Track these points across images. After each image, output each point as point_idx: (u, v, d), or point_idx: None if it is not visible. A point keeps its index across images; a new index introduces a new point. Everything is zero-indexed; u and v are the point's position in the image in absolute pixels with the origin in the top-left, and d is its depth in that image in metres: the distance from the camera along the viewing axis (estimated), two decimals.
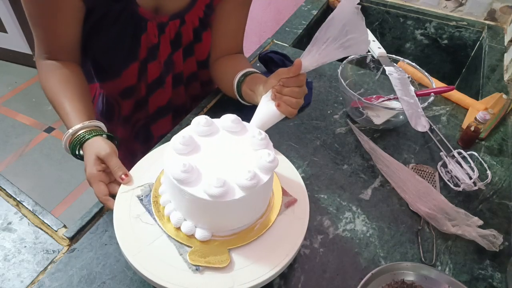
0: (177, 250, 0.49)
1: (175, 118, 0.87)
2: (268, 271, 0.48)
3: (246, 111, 0.84)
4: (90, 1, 0.60)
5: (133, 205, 0.53)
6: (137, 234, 0.50)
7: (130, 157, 0.90)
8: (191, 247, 0.49)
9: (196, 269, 0.48)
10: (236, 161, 0.51)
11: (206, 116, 0.54)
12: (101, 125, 0.63)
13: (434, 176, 0.72)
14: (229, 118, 0.55)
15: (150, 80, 0.76)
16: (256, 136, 0.52)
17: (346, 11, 0.54)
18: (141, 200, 0.54)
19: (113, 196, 0.56)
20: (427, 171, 0.73)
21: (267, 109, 0.62)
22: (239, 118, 0.55)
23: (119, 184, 0.57)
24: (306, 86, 0.89)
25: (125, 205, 0.53)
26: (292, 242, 0.52)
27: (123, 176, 0.56)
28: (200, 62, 0.82)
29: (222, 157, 0.51)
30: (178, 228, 0.51)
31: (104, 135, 0.61)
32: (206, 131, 0.53)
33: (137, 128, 0.87)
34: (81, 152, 0.60)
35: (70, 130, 0.59)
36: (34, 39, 0.64)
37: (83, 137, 0.59)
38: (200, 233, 0.50)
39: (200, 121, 0.53)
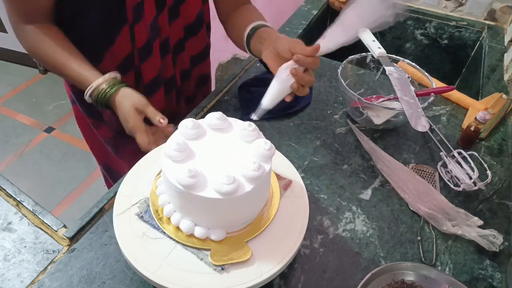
0: (195, 256, 0.50)
1: (166, 93, 0.86)
2: (288, 252, 0.50)
3: (246, 111, 0.84)
4: None
5: (135, 224, 0.53)
6: (149, 251, 0.50)
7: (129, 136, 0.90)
8: (209, 249, 0.50)
9: (222, 269, 0.48)
10: (235, 156, 0.51)
11: (193, 119, 0.53)
12: (117, 75, 0.66)
13: (434, 176, 0.72)
14: (215, 116, 0.55)
15: (139, 45, 0.74)
16: (247, 128, 0.53)
17: None
18: (141, 217, 0.53)
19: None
20: (427, 171, 0.73)
21: (281, 83, 0.62)
22: (224, 114, 0.55)
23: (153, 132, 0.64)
24: None
25: (126, 225, 0.52)
26: (300, 222, 0.54)
27: (161, 120, 0.62)
28: (187, 27, 0.81)
29: (219, 155, 0.51)
30: (191, 235, 0.51)
31: (126, 86, 0.64)
32: (195, 134, 0.53)
33: None
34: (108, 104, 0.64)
35: (94, 85, 0.63)
36: (6, 6, 0.64)
37: (108, 91, 0.64)
38: (215, 234, 0.50)
39: (187, 125, 0.53)
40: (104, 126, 0.87)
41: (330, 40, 0.58)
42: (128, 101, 0.63)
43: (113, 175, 1.03)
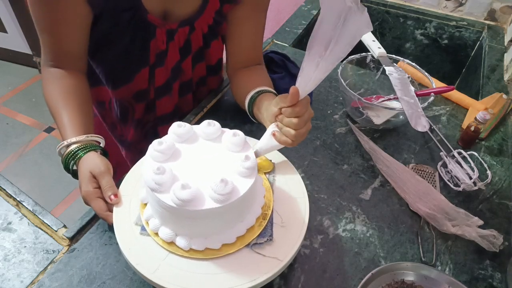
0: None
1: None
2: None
3: (246, 114, 0.84)
4: (97, 8, 0.60)
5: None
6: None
7: (140, 157, 0.91)
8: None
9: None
10: (214, 167, 0.51)
11: (179, 122, 0.53)
12: (99, 139, 0.62)
13: (434, 176, 0.72)
14: (205, 124, 0.54)
15: (157, 85, 0.76)
16: (232, 138, 0.52)
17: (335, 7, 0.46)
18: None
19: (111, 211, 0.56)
20: (427, 171, 0.73)
21: (268, 137, 0.59)
22: (214, 121, 0.55)
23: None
24: None
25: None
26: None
27: (112, 196, 0.55)
28: (209, 66, 0.82)
29: (200, 164, 0.51)
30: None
31: (99, 150, 0.60)
32: (183, 137, 0.53)
33: (146, 129, 0.87)
34: (74, 167, 0.59)
35: (65, 142, 0.59)
36: (40, 46, 0.64)
37: (76, 153, 0.58)
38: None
39: (173, 128, 0.53)
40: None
41: (306, 79, 0.52)
42: (86, 165, 0.57)
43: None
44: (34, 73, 2.50)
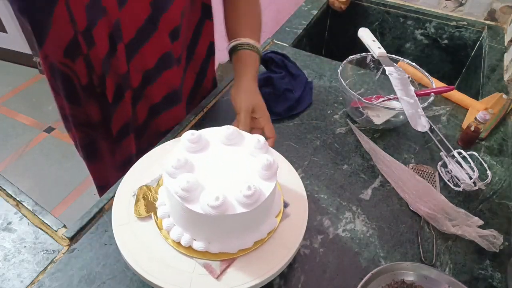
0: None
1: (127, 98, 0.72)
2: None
3: None
4: None
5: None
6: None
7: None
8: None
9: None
10: (236, 172, 0.50)
11: (193, 131, 0.52)
12: None
13: (434, 176, 0.72)
14: (226, 131, 0.53)
15: (80, 28, 0.61)
16: (255, 144, 0.52)
17: None
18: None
19: None
20: (427, 171, 0.73)
21: None
22: (237, 128, 0.54)
23: None
24: (306, 86, 0.90)
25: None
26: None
27: None
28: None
29: (221, 170, 0.50)
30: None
31: None
32: (197, 147, 0.52)
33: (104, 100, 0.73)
34: None
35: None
36: None
37: None
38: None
39: (187, 137, 0.51)
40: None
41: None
42: None
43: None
44: (34, 73, 2.50)
